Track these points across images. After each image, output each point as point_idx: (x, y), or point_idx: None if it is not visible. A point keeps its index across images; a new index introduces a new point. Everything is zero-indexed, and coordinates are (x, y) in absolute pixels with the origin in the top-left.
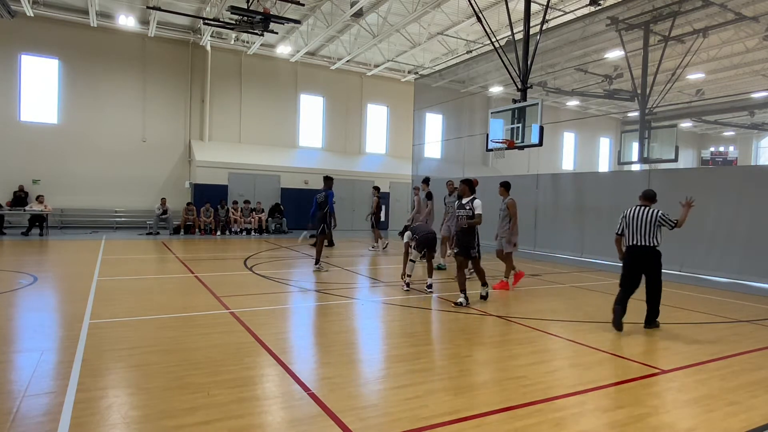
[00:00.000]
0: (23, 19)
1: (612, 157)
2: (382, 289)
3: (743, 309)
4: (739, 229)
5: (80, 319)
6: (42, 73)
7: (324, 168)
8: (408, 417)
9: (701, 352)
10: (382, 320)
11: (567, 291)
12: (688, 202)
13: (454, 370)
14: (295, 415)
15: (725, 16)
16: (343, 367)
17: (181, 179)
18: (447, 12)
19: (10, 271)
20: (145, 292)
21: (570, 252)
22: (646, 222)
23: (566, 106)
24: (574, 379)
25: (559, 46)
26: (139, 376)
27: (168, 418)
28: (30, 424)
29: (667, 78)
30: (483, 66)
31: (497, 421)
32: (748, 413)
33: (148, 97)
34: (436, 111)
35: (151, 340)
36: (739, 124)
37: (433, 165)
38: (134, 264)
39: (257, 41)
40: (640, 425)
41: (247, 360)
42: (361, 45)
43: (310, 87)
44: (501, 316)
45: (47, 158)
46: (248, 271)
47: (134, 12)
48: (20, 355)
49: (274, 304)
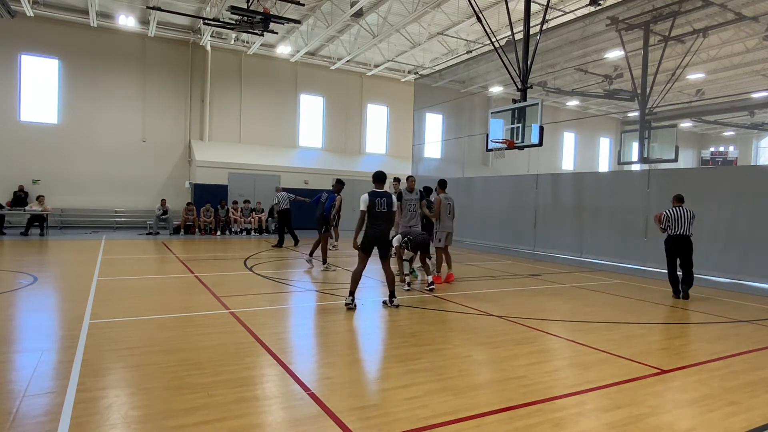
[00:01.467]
0: (23, 19)
1: (612, 157)
2: (382, 289)
3: (743, 309)
4: (739, 229)
5: (80, 319)
6: (42, 73)
7: (324, 168)
8: (408, 417)
9: (701, 352)
10: (382, 320)
11: (567, 291)
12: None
13: (454, 370)
14: (295, 415)
15: (725, 16)
16: (343, 367)
17: (181, 179)
18: (447, 12)
19: (10, 271)
20: (145, 292)
21: (570, 252)
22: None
23: (566, 106)
24: (574, 379)
25: (559, 46)
26: (139, 376)
27: (168, 418)
28: (30, 424)
29: (667, 78)
30: (483, 66)
31: (497, 421)
32: (748, 413)
33: (148, 97)
34: (436, 111)
35: (151, 340)
36: (739, 124)
37: (433, 165)
38: (134, 264)
39: (257, 41)
40: (640, 425)
41: (247, 360)
42: (361, 45)
43: (310, 87)
44: (501, 316)
45: (47, 158)
46: (248, 271)
47: (134, 12)
48: (20, 355)
49: (274, 304)
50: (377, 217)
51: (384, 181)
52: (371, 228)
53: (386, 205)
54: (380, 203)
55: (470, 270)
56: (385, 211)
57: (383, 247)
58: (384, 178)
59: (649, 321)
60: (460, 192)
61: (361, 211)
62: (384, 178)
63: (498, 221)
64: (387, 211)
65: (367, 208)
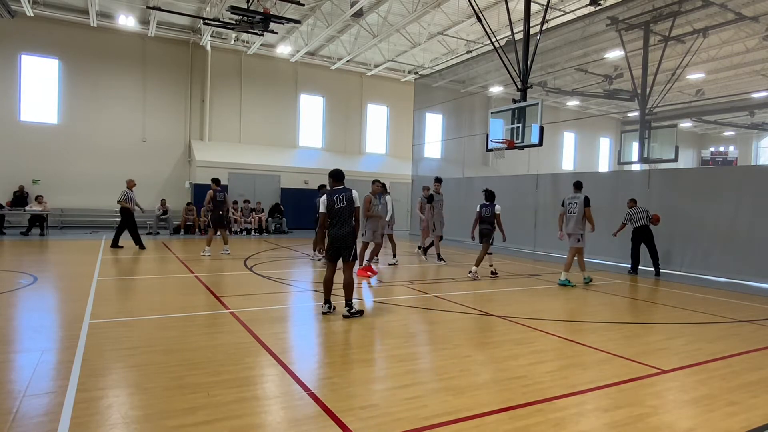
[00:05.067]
0: (23, 19)
1: (612, 157)
2: (381, 289)
3: (743, 309)
4: (739, 229)
5: (80, 319)
6: (42, 73)
7: (324, 168)
8: (408, 417)
9: (701, 352)
10: (381, 320)
11: (567, 291)
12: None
13: (454, 370)
14: (295, 415)
15: (725, 16)
16: (343, 367)
17: (181, 179)
18: (447, 12)
19: (10, 271)
20: (145, 292)
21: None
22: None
23: (566, 106)
24: (574, 379)
25: (559, 46)
26: (139, 376)
27: (168, 418)
28: (30, 424)
29: (667, 78)
30: (483, 66)
31: (497, 421)
32: (748, 413)
33: (148, 97)
34: (436, 111)
35: (151, 340)
36: (739, 124)
37: (433, 165)
38: (134, 264)
39: (257, 41)
40: (640, 425)
41: (247, 360)
42: (361, 45)
43: (310, 87)
44: (501, 316)
45: (47, 158)
46: (248, 271)
47: (134, 12)
48: (20, 355)
49: (274, 304)
50: (337, 215)
51: (342, 179)
52: (332, 228)
53: (345, 200)
54: (339, 200)
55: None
56: (345, 206)
57: (345, 248)
58: (342, 177)
59: (649, 321)
60: (461, 192)
61: (321, 213)
62: (342, 176)
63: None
64: (346, 206)
65: (326, 209)
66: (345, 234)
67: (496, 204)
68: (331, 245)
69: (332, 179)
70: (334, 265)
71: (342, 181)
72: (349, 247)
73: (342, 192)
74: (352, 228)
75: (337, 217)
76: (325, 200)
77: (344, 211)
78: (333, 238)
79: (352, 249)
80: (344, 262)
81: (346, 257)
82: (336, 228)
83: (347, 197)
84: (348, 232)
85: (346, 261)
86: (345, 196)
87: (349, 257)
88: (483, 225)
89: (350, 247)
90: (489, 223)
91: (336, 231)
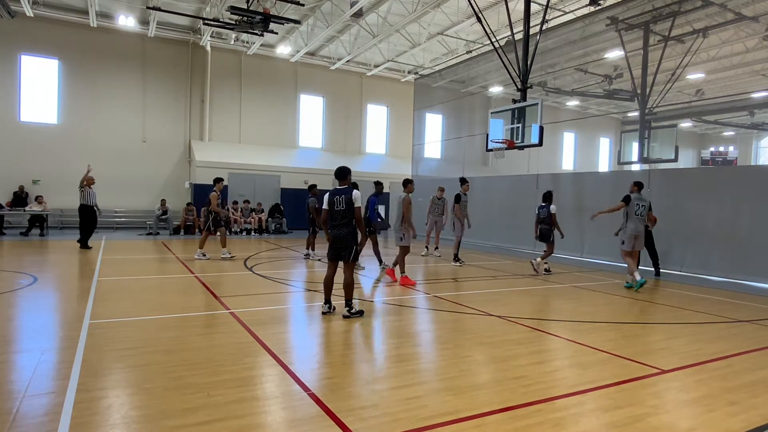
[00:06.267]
0: (23, 19)
1: (612, 157)
2: (382, 289)
3: (743, 309)
4: (739, 229)
5: (80, 319)
6: (42, 73)
7: (324, 168)
8: (408, 417)
9: (701, 352)
10: (382, 320)
11: (567, 291)
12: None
13: (454, 370)
14: (295, 415)
15: (725, 16)
16: (343, 367)
17: (181, 179)
18: (447, 12)
19: (10, 271)
20: (145, 292)
21: (570, 252)
22: None
23: (566, 106)
24: (574, 379)
25: (559, 46)
26: (139, 376)
27: (168, 418)
28: (30, 424)
29: (667, 78)
30: (483, 66)
31: (497, 421)
32: (748, 413)
33: (148, 97)
34: (436, 111)
35: (151, 340)
36: (739, 124)
37: (433, 165)
38: (134, 264)
39: (257, 41)
40: (640, 425)
41: (247, 360)
42: (361, 45)
43: (310, 87)
44: (501, 316)
45: (47, 158)
46: (248, 271)
47: (134, 12)
48: (20, 355)
49: (274, 304)
50: (335, 217)
51: (346, 177)
52: (332, 228)
53: (344, 202)
54: (339, 201)
55: (470, 270)
56: (344, 209)
57: (344, 249)
58: (346, 174)
59: (649, 321)
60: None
61: (323, 209)
62: (346, 174)
63: (498, 221)
64: (345, 209)
65: (327, 208)
66: (345, 235)
67: (552, 205)
68: (331, 245)
69: (339, 179)
70: (335, 265)
71: (345, 179)
72: (349, 248)
73: (342, 193)
74: (353, 228)
75: (336, 218)
76: (327, 199)
77: (343, 213)
78: (333, 238)
79: (352, 250)
80: (344, 263)
81: (345, 258)
82: (336, 228)
83: (347, 199)
84: (348, 232)
85: (345, 262)
86: (345, 198)
87: (349, 258)
88: (542, 225)
89: (350, 247)
90: (547, 223)
91: (336, 231)
